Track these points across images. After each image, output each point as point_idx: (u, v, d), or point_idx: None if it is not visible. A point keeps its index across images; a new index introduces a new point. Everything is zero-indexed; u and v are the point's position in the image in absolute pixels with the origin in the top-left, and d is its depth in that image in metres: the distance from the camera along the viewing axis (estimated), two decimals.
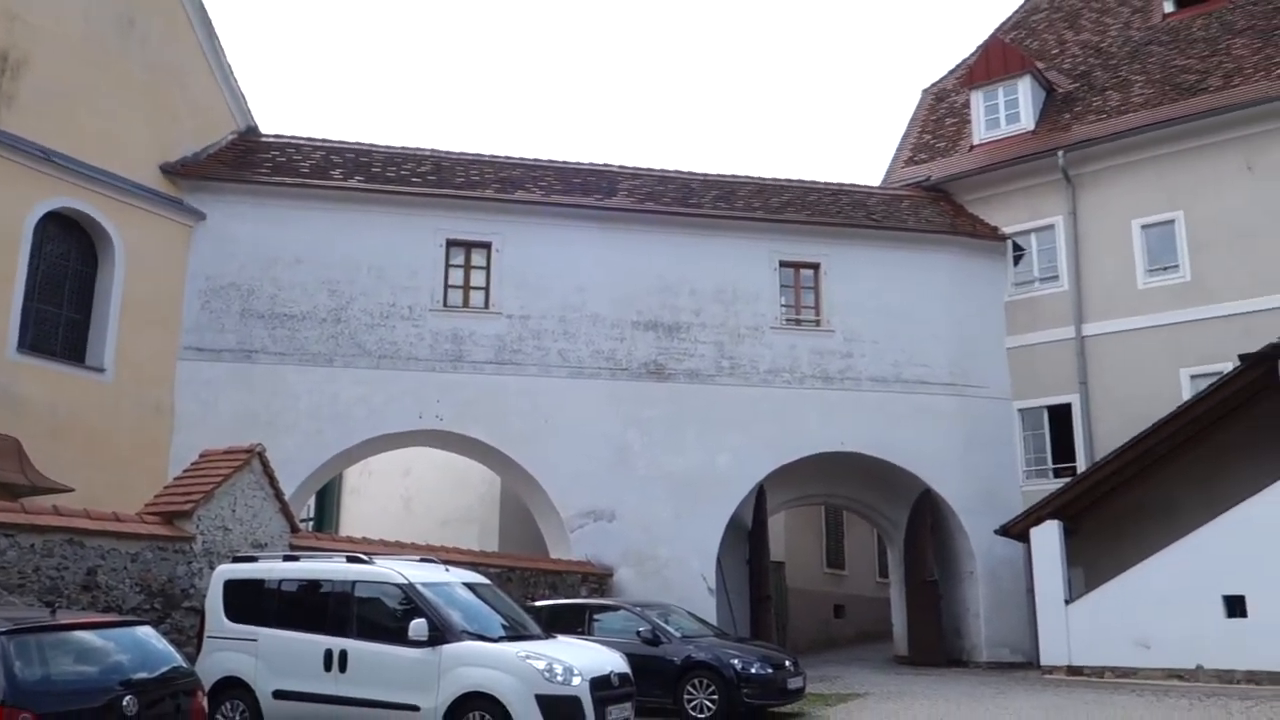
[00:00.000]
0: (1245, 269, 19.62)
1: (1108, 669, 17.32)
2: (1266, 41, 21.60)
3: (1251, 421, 17.64)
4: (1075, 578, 18.72)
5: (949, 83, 26.85)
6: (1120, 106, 22.41)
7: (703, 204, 21.32)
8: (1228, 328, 19.16)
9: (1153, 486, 18.99)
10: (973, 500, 20.81)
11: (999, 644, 20.49)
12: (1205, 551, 16.75)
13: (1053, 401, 21.31)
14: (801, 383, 20.63)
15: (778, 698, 13.63)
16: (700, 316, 20.47)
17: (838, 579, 29.27)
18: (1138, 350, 20.38)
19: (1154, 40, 23.83)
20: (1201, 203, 20.34)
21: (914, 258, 21.61)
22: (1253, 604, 16.24)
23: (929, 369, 21.17)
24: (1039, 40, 26.29)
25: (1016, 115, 23.49)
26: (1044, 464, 21.33)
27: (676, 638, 14.05)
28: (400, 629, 10.22)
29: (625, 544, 19.23)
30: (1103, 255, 21.23)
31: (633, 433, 19.70)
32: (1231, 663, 16.25)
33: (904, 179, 24.08)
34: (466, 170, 20.96)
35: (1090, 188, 21.66)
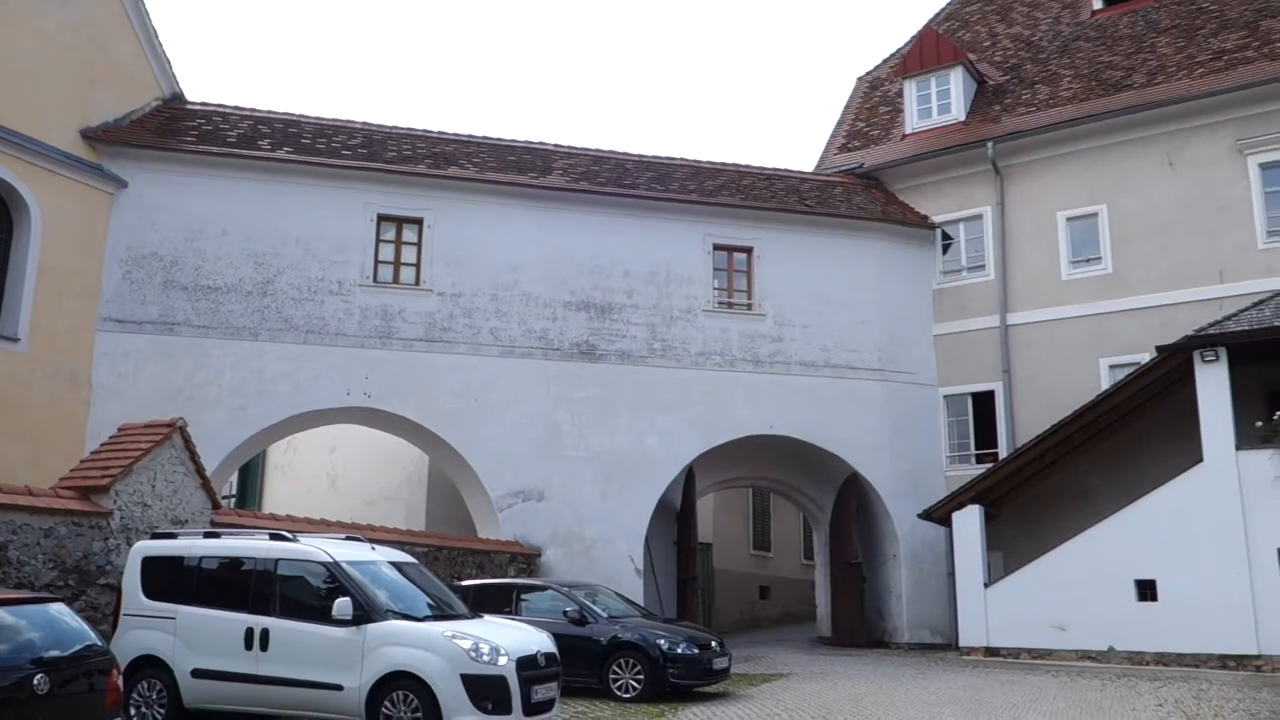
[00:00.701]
0: (1164, 262, 20.14)
1: (1024, 650, 17.75)
2: (1189, 41, 22.13)
3: (1166, 411, 18.14)
4: (995, 561, 19.14)
5: (883, 71, 27.10)
6: (1049, 100, 22.81)
7: (637, 185, 21.27)
8: (1146, 319, 19.66)
9: (1071, 473, 19.47)
10: (898, 484, 21.13)
11: (920, 625, 20.87)
12: (1119, 537, 17.25)
13: (977, 388, 21.70)
14: (732, 366, 20.74)
15: (703, 678, 13.73)
16: (633, 298, 20.45)
17: (764, 561, 29.58)
18: (1060, 340, 20.83)
19: (1082, 36, 24.28)
20: (1124, 197, 20.82)
21: (845, 244, 21.82)
22: (1163, 588, 16.76)
23: (858, 354, 21.42)
24: (971, 32, 26.64)
25: (948, 106, 23.80)
26: (967, 450, 21.73)
27: (603, 618, 14.08)
28: (324, 608, 10.10)
29: (554, 524, 19.21)
30: (1028, 246, 21.64)
31: (563, 413, 19.65)
32: (1142, 645, 16.77)
33: (837, 165, 24.28)
34: (399, 144, 20.66)
35: (1018, 179, 22.04)
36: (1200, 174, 20.18)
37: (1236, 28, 21.76)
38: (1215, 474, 16.62)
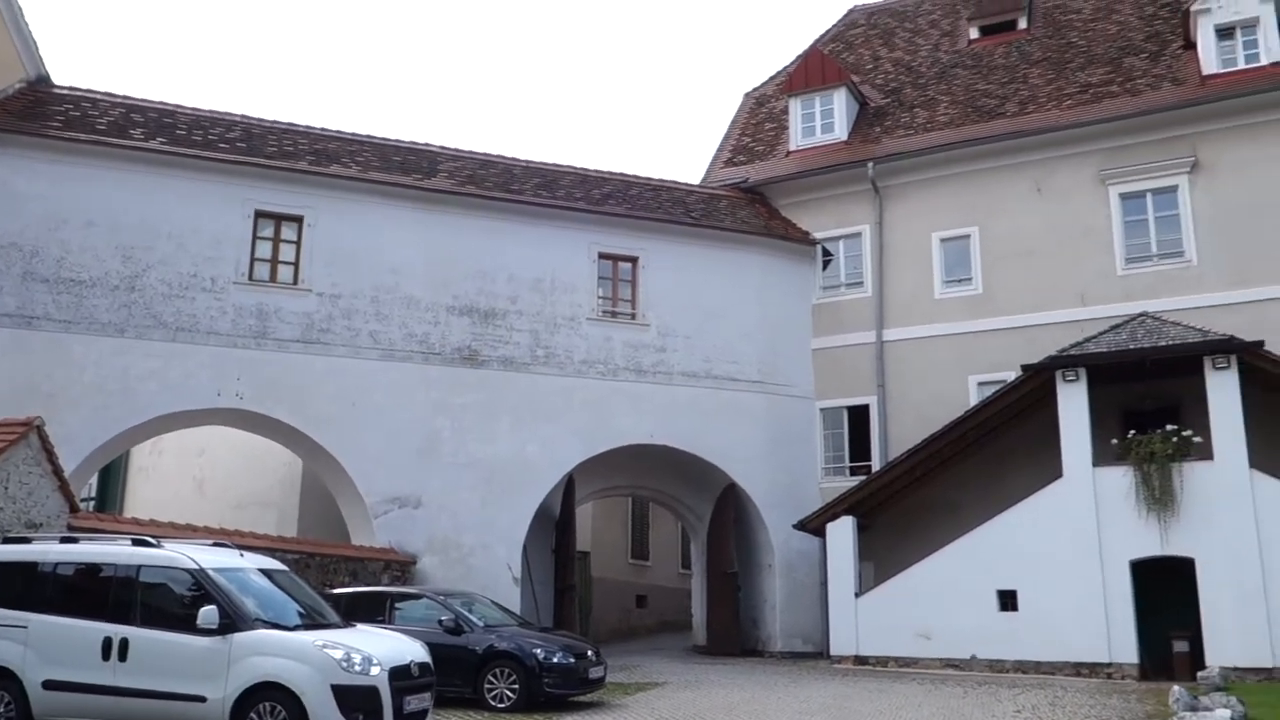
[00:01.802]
0: (1031, 284, 20.95)
1: (891, 659, 18.21)
2: (1059, 74, 23.10)
3: (1030, 428, 18.84)
4: (866, 571, 19.60)
5: (769, 88, 27.57)
6: (926, 124, 23.53)
7: (524, 191, 21.18)
8: (1013, 339, 20.40)
9: (940, 486, 20.07)
10: (774, 495, 21.46)
11: (793, 634, 21.22)
12: (983, 549, 17.85)
13: (852, 402, 22.20)
14: (615, 375, 20.80)
15: (578, 687, 13.70)
16: (517, 304, 20.35)
17: (641, 570, 29.68)
18: (932, 356, 21.47)
19: (960, 64, 25.12)
20: (995, 220, 21.60)
21: (729, 257, 22.11)
22: (1023, 598, 17.40)
23: (738, 366, 21.70)
24: (855, 55, 27.31)
25: (831, 125, 24.35)
26: (842, 462, 22.21)
27: (479, 627, 13.95)
28: (189, 616, 9.77)
29: (431, 531, 18.95)
30: (904, 265, 22.26)
31: (443, 419, 19.41)
32: (1003, 653, 17.38)
33: (722, 179, 24.60)
34: (279, 139, 20.15)
35: (896, 199, 22.66)
36: (1066, 201, 21.07)
37: (1102, 63, 22.80)
38: (1074, 489, 17.34)
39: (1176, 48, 22.13)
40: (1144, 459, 16.90)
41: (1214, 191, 20.02)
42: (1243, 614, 15.92)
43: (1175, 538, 16.60)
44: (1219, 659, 15.48)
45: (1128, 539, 16.86)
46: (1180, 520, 16.60)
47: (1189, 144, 20.34)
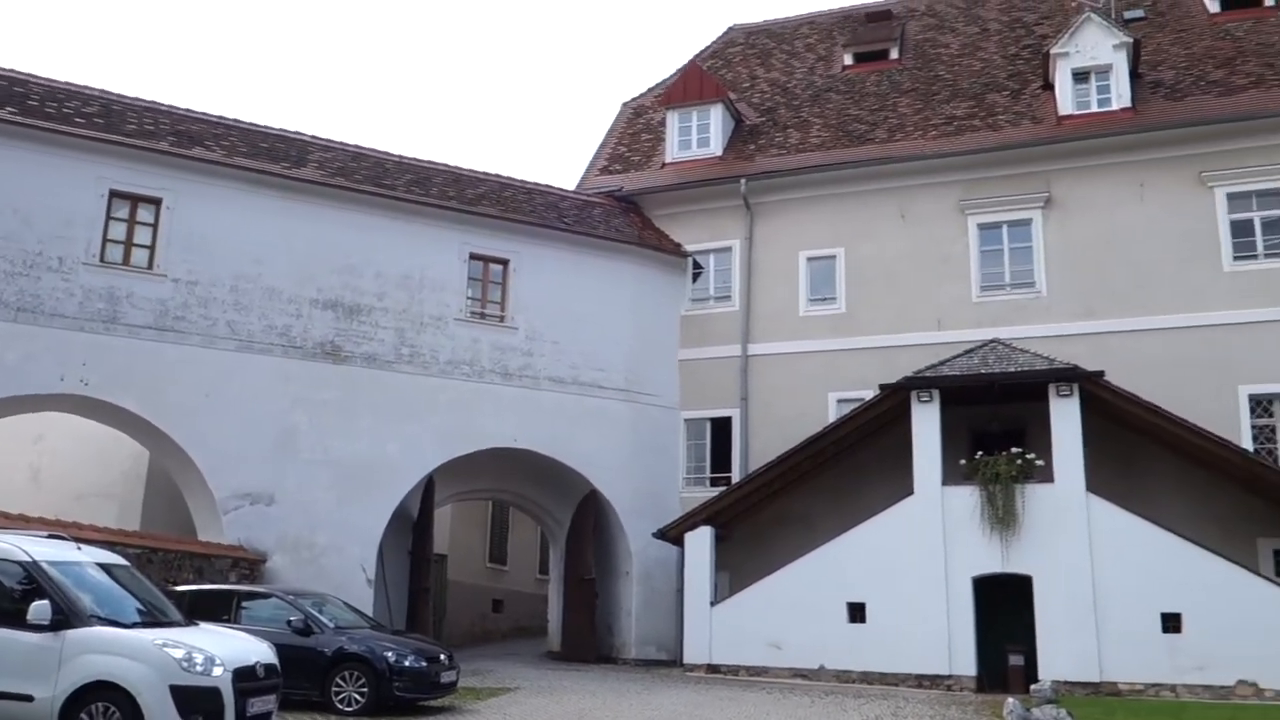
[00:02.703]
0: (891, 306, 21.61)
1: (743, 667, 18.49)
2: (926, 104, 23.93)
3: (884, 446, 19.40)
4: (722, 581, 19.88)
5: (648, 99, 27.79)
6: (799, 145, 24.07)
7: (396, 186, 20.84)
8: (872, 358, 21.00)
9: (796, 500, 20.50)
10: (635, 503, 21.58)
11: (647, 642, 21.35)
12: (834, 562, 18.29)
13: (716, 414, 22.51)
14: (481, 377, 20.62)
15: (430, 691, 13.51)
16: (383, 301, 19.99)
17: (499, 574, 29.46)
18: (795, 372, 21.93)
19: (833, 88, 25.78)
20: (860, 242, 22.22)
21: (601, 264, 22.17)
22: (871, 611, 17.90)
23: (605, 373, 21.76)
24: (733, 72, 27.75)
25: (707, 140, 24.68)
26: (703, 472, 22.49)
27: (329, 628, 13.63)
28: (18, 611, 9.25)
29: (283, 529, 18.43)
30: (772, 281, 22.70)
31: (301, 414, 18.92)
32: (850, 664, 17.83)
33: (597, 187, 24.67)
34: (140, 118, 19.35)
35: (767, 217, 23.10)
36: (927, 228, 21.82)
37: (967, 97, 23.71)
38: (923, 506, 17.94)
39: (1036, 87, 23.17)
40: (990, 479, 17.59)
41: (1064, 227, 21.02)
42: (1074, 630, 16.70)
43: (1015, 556, 17.32)
44: (1051, 673, 16.18)
45: (971, 556, 17.51)
46: (1021, 539, 17.33)
47: (1044, 180, 21.31)
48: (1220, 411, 18.84)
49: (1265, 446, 19.08)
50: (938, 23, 27.02)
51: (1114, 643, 16.51)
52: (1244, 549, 17.78)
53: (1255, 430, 19.20)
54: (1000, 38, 25.64)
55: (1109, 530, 16.95)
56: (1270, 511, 17.94)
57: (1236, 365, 19.29)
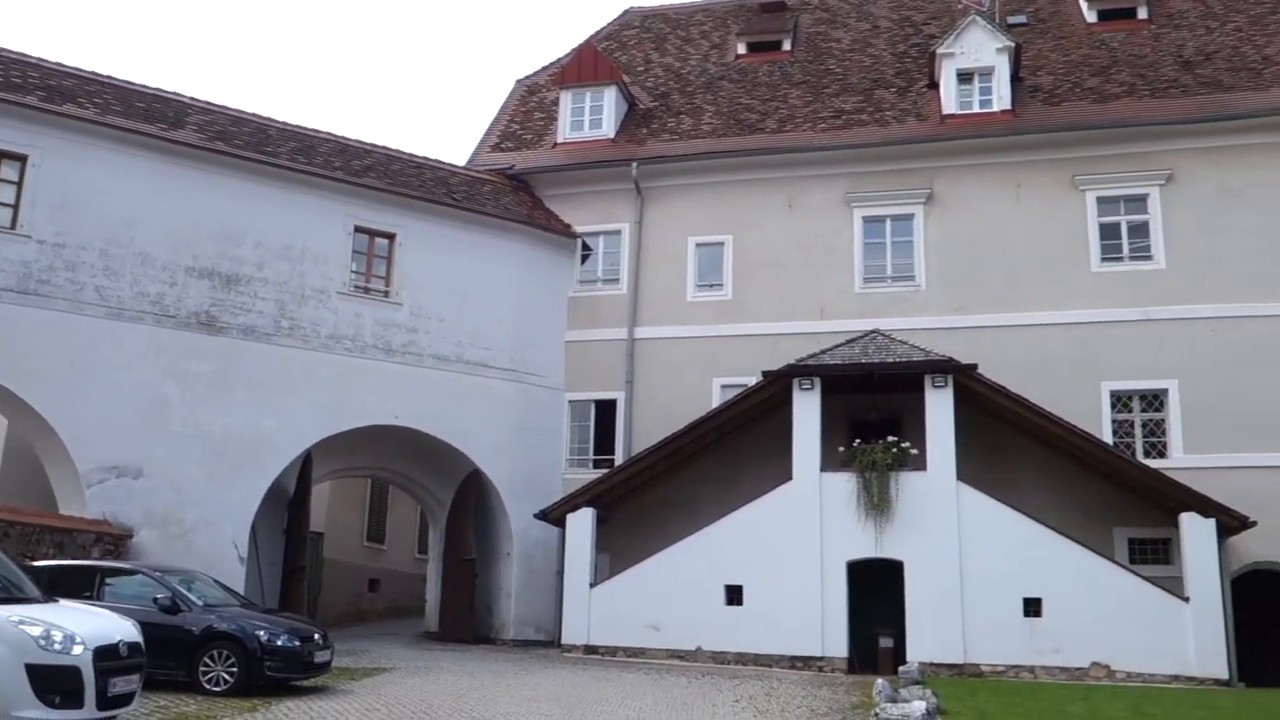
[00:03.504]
0: (776, 295, 21.94)
1: (621, 648, 18.60)
2: (816, 96, 24.29)
3: (766, 432, 19.70)
4: (602, 563, 19.95)
5: (541, 78, 27.57)
6: (691, 131, 24.19)
7: (279, 154, 20.25)
8: (757, 345, 21.26)
9: (678, 483, 20.68)
10: (517, 484, 21.47)
11: (526, 623, 21.31)
12: (713, 546, 18.52)
13: (601, 396, 22.54)
14: (363, 352, 20.25)
15: (302, 671, 13.24)
16: (263, 271, 19.45)
17: (376, 553, 29.03)
18: (680, 357, 22.09)
19: (726, 77, 25.97)
20: (748, 231, 22.47)
21: (489, 242, 21.95)
22: (748, 593, 18.20)
23: (491, 353, 21.58)
24: (628, 55, 27.72)
25: (600, 121, 24.61)
26: (586, 454, 22.51)
27: (198, 606, 13.22)
28: None
29: (150, 504, 17.81)
30: (660, 265, 22.80)
31: (173, 386, 18.29)
32: (726, 645, 18.09)
33: (488, 164, 24.39)
34: (6, 70, 18.38)
35: (657, 201, 23.18)
36: (814, 219, 22.19)
37: (856, 92, 24.15)
38: (801, 492, 18.29)
39: (922, 86, 23.73)
40: (866, 467, 18.02)
41: (945, 223, 21.62)
42: (941, 614, 17.26)
43: (888, 541, 17.81)
44: (919, 655, 16.73)
45: (847, 541, 17.93)
46: (894, 525, 17.81)
47: (927, 177, 21.88)
48: (1084, 406, 19.68)
49: (1124, 440, 20.00)
50: (830, 17, 27.44)
51: (979, 626, 17.13)
52: (1101, 537, 18.63)
53: (1115, 424, 20.11)
54: (890, 35, 26.18)
55: (977, 518, 17.55)
56: (1127, 502, 18.82)
57: (1100, 362, 20.18)
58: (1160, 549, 18.79)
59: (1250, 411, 19.31)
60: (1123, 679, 16.52)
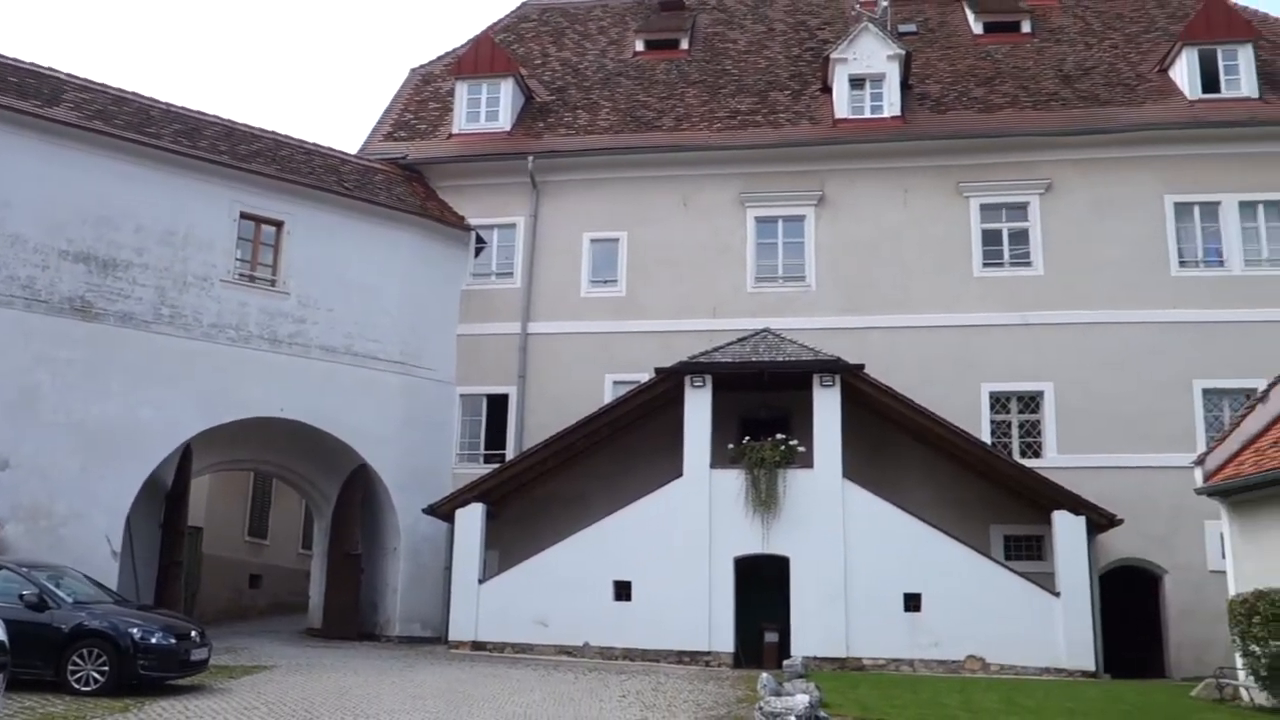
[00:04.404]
0: (670, 292, 22.09)
1: (509, 645, 18.50)
2: (712, 97, 24.51)
3: (658, 428, 19.80)
4: (491, 559, 19.81)
5: (437, 67, 27.23)
6: (588, 127, 24.17)
7: (161, 136, 19.60)
8: (650, 342, 21.38)
9: (569, 479, 20.66)
10: (406, 478, 21.18)
11: (412, 619, 21.03)
12: (603, 541, 18.55)
13: (493, 391, 22.38)
14: (247, 342, 19.73)
15: (178, 670, 12.85)
16: (143, 256, 18.80)
17: (258, 548, 28.33)
18: (573, 352, 22.07)
19: (624, 73, 26.02)
20: (643, 228, 22.57)
21: (380, 232, 21.60)
22: (637, 589, 18.27)
23: (380, 345, 21.25)
24: (526, 48, 27.56)
25: (496, 114, 24.41)
26: (477, 449, 22.33)
27: (67, 603, 12.73)
28: None
29: (18, 496, 17.07)
30: (555, 260, 22.74)
31: (44, 373, 17.56)
32: (614, 641, 18.14)
33: (380, 153, 23.99)
34: None
35: (553, 196, 23.11)
36: (709, 218, 22.40)
37: (752, 93, 24.44)
38: (691, 488, 18.43)
39: (816, 90, 24.13)
40: (755, 464, 18.26)
41: (835, 225, 22.04)
42: (825, 609, 17.60)
43: (775, 538, 18.07)
44: (803, 649, 17.05)
45: (735, 537, 18.13)
46: (781, 521, 18.08)
47: (819, 179, 22.27)
48: (965, 406, 20.31)
49: (1001, 440, 20.68)
50: (727, 18, 27.71)
51: (861, 621, 17.51)
52: (979, 534, 19.23)
53: (994, 425, 20.80)
54: (785, 38, 26.56)
55: (861, 515, 17.93)
56: (1004, 500, 19.46)
57: (980, 364, 20.84)
58: (1034, 545, 19.47)
59: (1119, 414, 20.17)
60: (997, 671, 17.07)
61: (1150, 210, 21.24)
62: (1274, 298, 20.33)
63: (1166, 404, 20.15)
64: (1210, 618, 17.31)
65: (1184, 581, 19.46)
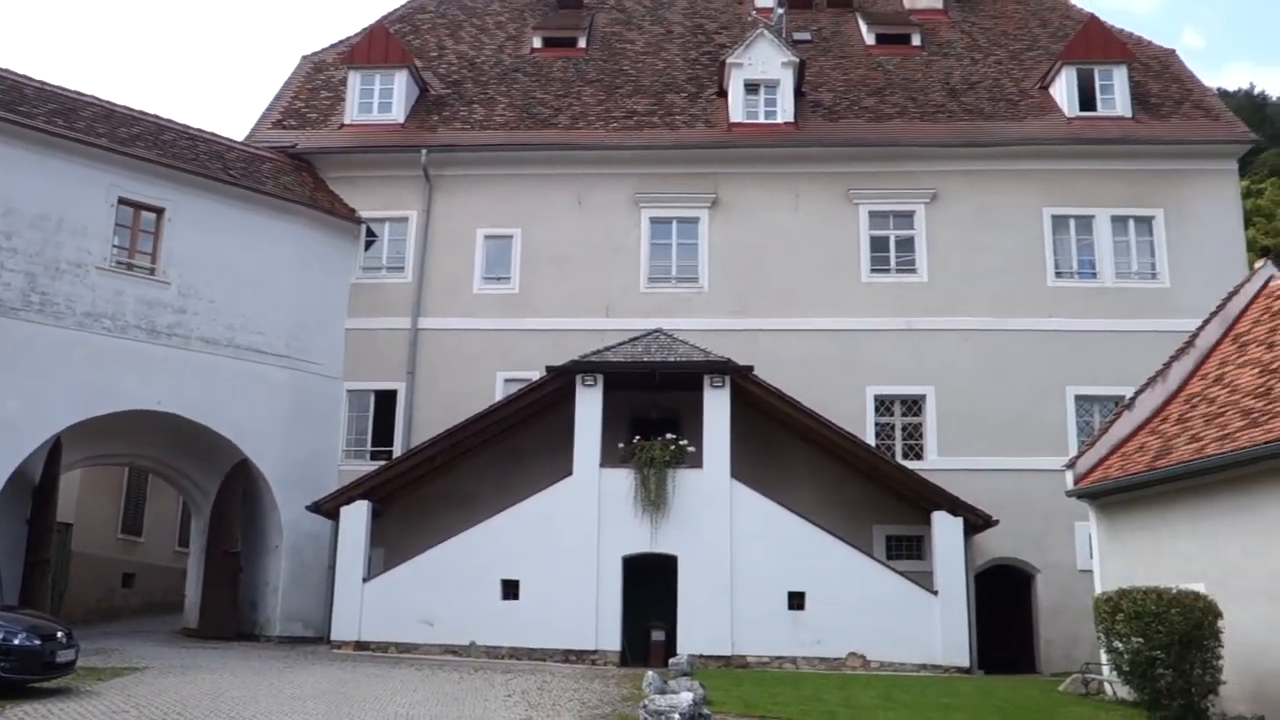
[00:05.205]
0: (563, 291, 22.06)
1: (393, 644, 18.23)
2: (609, 96, 24.55)
3: (548, 427, 19.75)
4: (377, 557, 19.50)
5: (330, 55, 26.70)
6: (483, 121, 23.97)
7: (35, 115, 18.80)
8: (543, 340, 21.31)
9: (458, 477, 20.48)
10: (289, 474, 20.71)
11: (293, 618, 20.57)
12: (491, 540, 18.43)
13: (381, 386, 22.05)
14: (124, 332, 19.06)
15: (42, 672, 12.31)
16: (12, 241, 18.02)
17: (132, 545, 27.37)
18: (465, 349, 21.88)
19: (521, 69, 25.87)
20: (537, 225, 22.49)
21: (267, 223, 21.08)
22: (525, 588, 18.20)
23: (265, 338, 20.74)
24: (421, 39, 27.20)
25: (390, 105, 24.04)
26: (364, 445, 21.97)
27: None
28: None
29: None
30: (447, 256, 22.51)
31: None
32: (500, 640, 18.03)
33: (269, 141, 23.40)
34: None
35: (446, 190, 22.87)
36: (603, 217, 22.45)
37: (648, 94, 24.55)
38: (581, 487, 18.43)
39: (711, 93, 24.36)
40: (645, 463, 18.34)
41: (728, 227, 22.30)
42: (711, 607, 17.77)
43: (664, 537, 18.18)
44: (689, 647, 17.17)
45: (623, 536, 18.19)
46: (670, 521, 18.20)
47: (713, 182, 22.50)
48: (851, 409, 20.75)
49: (885, 442, 21.18)
50: (625, 19, 27.79)
51: (746, 619, 17.73)
52: (862, 534, 19.64)
53: (878, 427, 21.30)
54: (683, 41, 26.75)
55: (748, 515, 18.16)
56: (886, 500, 19.93)
57: (866, 368, 21.31)
58: (914, 545, 19.99)
59: (996, 418, 20.86)
60: (877, 668, 17.47)
61: (1029, 222, 22.01)
62: (1142, 309, 21.26)
63: (1041, 409, 20.89)
64: (1078, 615, 17.99)
65: (1054, 580, 20.20)
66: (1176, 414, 15.15)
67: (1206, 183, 22.17)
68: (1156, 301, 21.35)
